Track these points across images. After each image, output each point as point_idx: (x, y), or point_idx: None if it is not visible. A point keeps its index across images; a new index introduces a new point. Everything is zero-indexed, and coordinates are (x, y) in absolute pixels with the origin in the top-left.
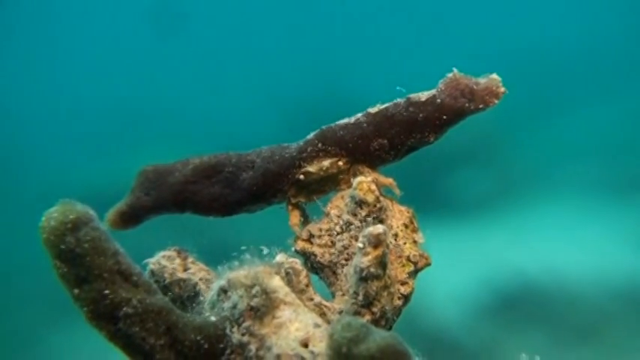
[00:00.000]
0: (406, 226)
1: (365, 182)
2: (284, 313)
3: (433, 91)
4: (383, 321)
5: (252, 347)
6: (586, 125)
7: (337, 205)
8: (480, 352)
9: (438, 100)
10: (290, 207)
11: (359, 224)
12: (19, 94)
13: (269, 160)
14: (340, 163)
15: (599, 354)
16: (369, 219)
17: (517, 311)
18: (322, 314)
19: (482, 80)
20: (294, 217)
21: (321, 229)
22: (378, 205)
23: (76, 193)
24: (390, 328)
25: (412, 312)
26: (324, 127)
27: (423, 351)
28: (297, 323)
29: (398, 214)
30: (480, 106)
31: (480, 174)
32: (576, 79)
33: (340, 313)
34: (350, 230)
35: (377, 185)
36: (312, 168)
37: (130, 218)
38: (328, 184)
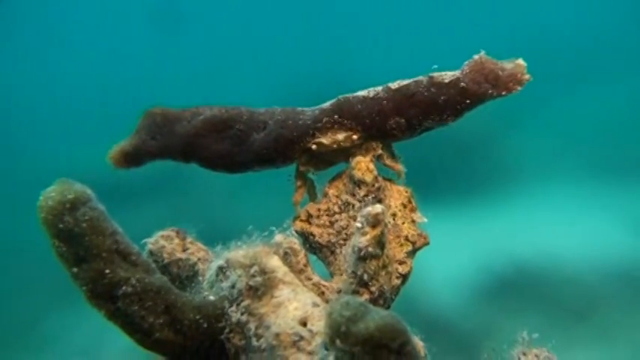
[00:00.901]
0: (404, 206)
1: (363, 162)
2: (283, 293)
3: (457, 73)
4: (381, 300)
5: (252, 326)
6: (585, 109)
7: (336, 186)
8: (477, 334)
9: (462, 84)
10: (298, 182)
11: (357, 204)
12: (21, 85)
13: (282, 125)
14: (354, 137)
15: (596, 334)
16: (368, 199)
17: (514, 294)
18: (321, 294)
19: (507, 65)
20: (299, 195)
21: (319, 210)
22: (377, 185)
23: (74, 178)
24: (388, 308)
25: (410, 294)
26: (341, 97)
27: (420, 333)
28: (296, 302)
29: (396, 194)
30: (503, 92)
31: (479, 159)
32: (575, 62)
33: (339, 292)
34: (348, 210)
35: (385, 166)
36: (325, 140)
37: (133, 159)
38: (339, 156)
